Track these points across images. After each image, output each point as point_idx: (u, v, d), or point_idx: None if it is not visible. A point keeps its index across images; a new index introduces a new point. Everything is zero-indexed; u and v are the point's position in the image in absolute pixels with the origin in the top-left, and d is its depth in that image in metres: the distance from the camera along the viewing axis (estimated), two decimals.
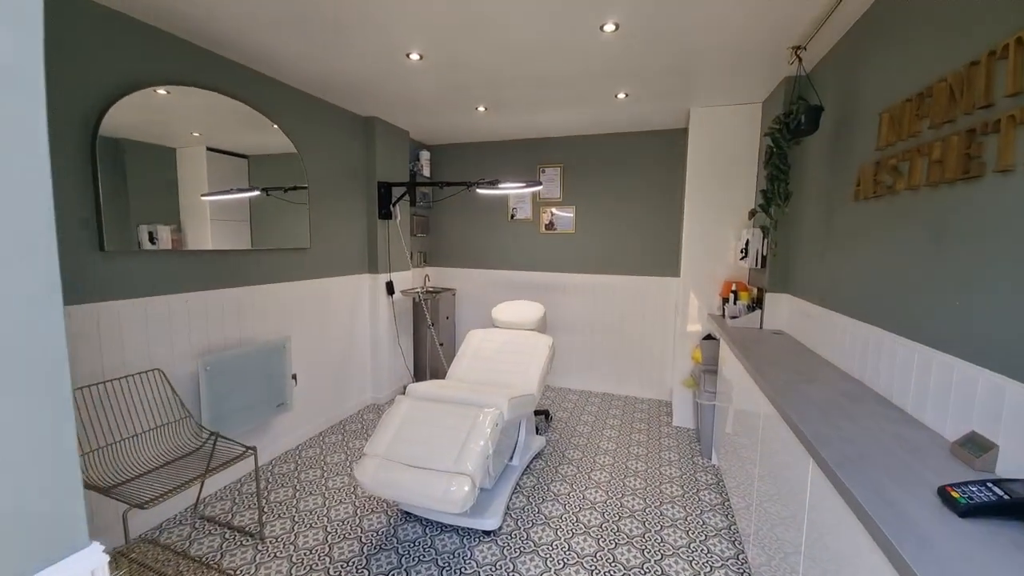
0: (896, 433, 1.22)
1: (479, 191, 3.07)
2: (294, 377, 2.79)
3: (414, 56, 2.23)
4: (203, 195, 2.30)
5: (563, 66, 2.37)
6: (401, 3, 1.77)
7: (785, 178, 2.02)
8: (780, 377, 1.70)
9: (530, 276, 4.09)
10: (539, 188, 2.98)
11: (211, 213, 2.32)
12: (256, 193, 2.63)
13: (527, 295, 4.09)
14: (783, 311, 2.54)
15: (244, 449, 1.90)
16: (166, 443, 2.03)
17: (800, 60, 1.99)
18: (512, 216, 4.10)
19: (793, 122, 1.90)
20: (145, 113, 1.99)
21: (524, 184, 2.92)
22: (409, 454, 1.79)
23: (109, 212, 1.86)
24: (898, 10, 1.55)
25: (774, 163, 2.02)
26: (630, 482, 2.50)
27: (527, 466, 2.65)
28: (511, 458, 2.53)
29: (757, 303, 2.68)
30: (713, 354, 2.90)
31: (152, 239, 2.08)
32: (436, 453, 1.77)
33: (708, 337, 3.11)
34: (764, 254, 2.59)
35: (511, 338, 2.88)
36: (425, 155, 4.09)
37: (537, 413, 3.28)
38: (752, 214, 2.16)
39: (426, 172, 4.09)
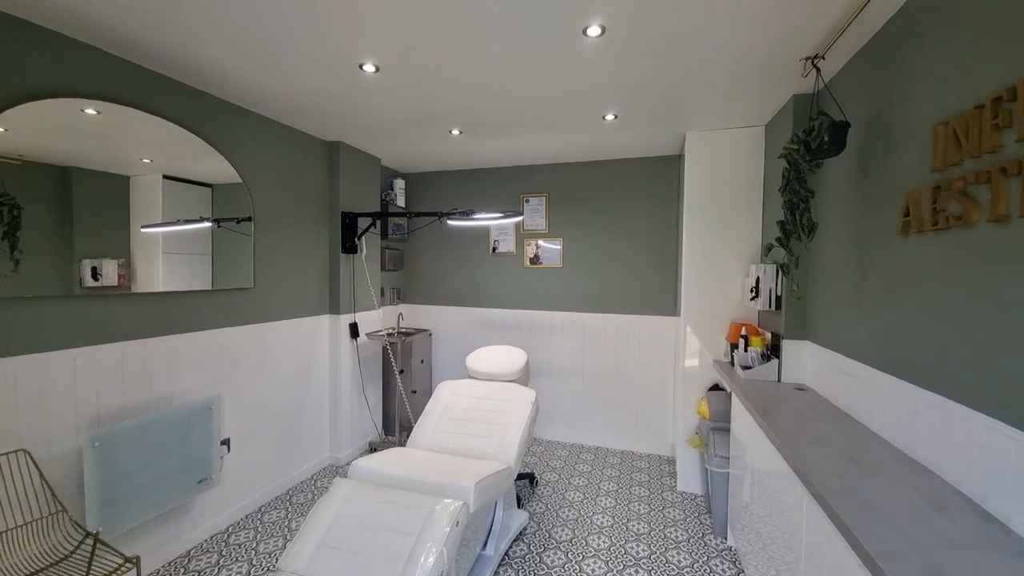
0: None
1: (450, 223, 2.72)
2: (225, 443, 2.33)
3: (368, 68, 1.92)
4: (144, 227, 2.01)
5: (543, 82, 2.07)
6: (343, 6, 1.46)
7: (807, 206, 1.68)
8: (825, 465, 1.30)
9: (513, 315, 3.70)
10: (519, 219, 2.63)
11: (164, 246, 2.10)
12: (206, 225, 2.29)
13: (510, 336, 3.69)
14: (805, 361, 2.16)
15: (122, 562, 1.44)
16: (31, 547, 1.56)
17: (819, 71, 1.70)
18: (494, 249, 3.75)
19: (815, 141, 1.58)
20: (80, 138, 1.80)
21: (502, 214, 2.57)
22: (335, 572, 1.33)
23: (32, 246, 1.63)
24: None
25: (793, 189, 1.69)
26: (630, 574, 2.03)
27: (505, 553, 2.17)
28: (483, 546, 2.06)
29: (772, 351, 2.31)
30: (722, 408, 2.50)
31: (95, 275, 1.84)
32: (373, 569, 1.32)
33: (715, 387, 2.71)
34: (779, 295, 2.23)
35: (487, 392, 2.46)
36: (399, 183, 3.76)
37: (520, 477, 2.82)
38: (768, 249, 1.83)
39: (400, 202, 3.76)
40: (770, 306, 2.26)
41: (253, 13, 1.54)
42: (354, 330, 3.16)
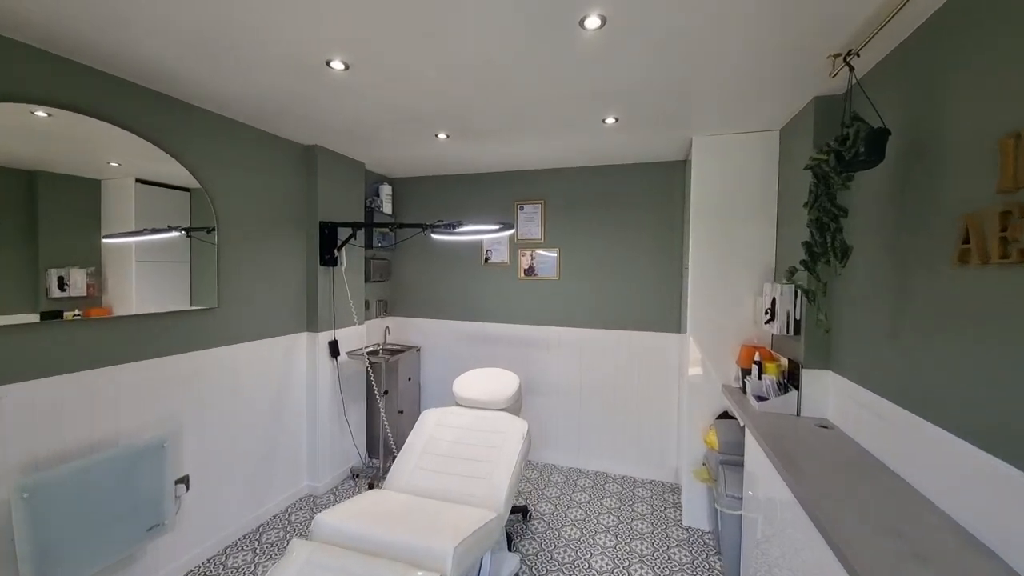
0: None
1: (434, 236, 2.49)
2: (183, 481, 2.11)
3: (336, 65, 1.69)
4: (106, 237, 1.85)
5: (537, 83, 1.85)
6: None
7: (839, 227, 1.46)
8: (866, 541, 1.07)
9: (507, 329, 3.47)
10: (510, 232, 2.40)
11: (137, 254, 1.97)
12: (174, 235, 2.11)
13: (503, 352, 3.47)
14: (827, 394, 1.94)
15: None
16: None
17: (852, 70, 1.48)
18: (486, 259, 3.52)
19: (849, 151, 1.36)
20: (39, 140, 1.66)
21: (496, 227, 2.35)
22: None
23: None
24: None
25: (823, 207, 1.46)
26: None
27: None
28: None
29: (789, 380, 2.09)
30: (733, 440, 2.28)
31: (62, 285, 1.72)
32: None
33: (724, 415, 2.49)
34: (798, 318, 2.01)
35: (475, 422, 2.24)
36: (386, 189, 3.54)
37: (512, 510, 2.59)
38: (791, 273, 1.60)
39: (387, 208, 3.53)
40: (788, 331, 2.04)
41: (193, 10, 1.32)
42: (334, 348, 2.93)
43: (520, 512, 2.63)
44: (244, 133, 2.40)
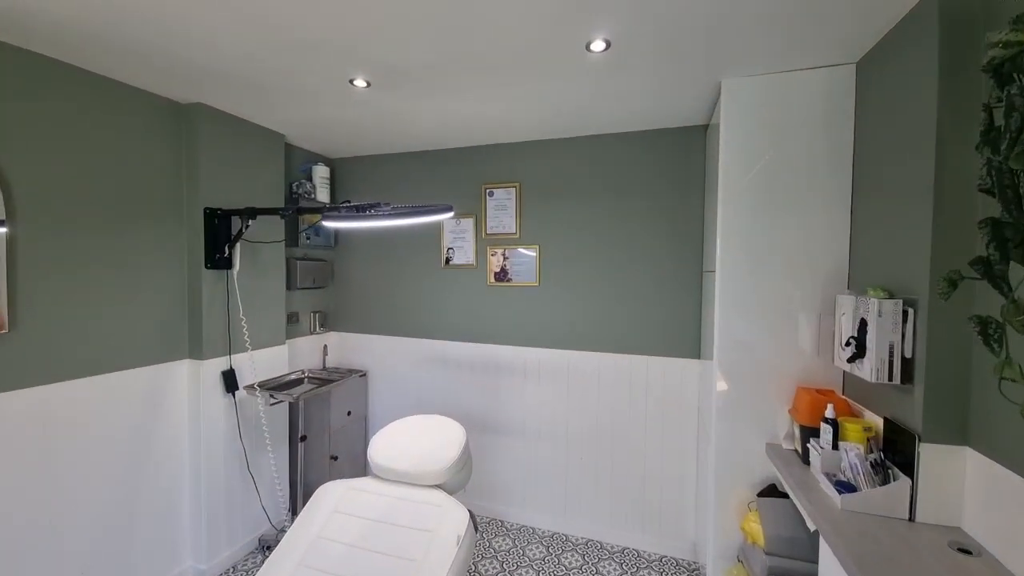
0: None
1: (327, 224, 1.71)
2: None
3: None
4: None
5: None
6: None
7: None
8: None
9: (472, 350, 2.69)
10: (448, 215, 1.61)
11: None
12: None
13: (468, 378, 2.69)
14: (963, 488, 1.14)
15: None
16: None
17: None
18: (447, 260, 2.75)
19: None
20: None
21: (423, 208, 1.56)
22: None
23: None
24: None
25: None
26: None
27: None
28: None
29: (888, 453, 1.29)
30: (788, 536, 1.48)
31: None
32: None
33: (771, 491, 1.69)
34: (908, 355, 1.21)
35: (391, 509, 1.46)
36: (321, 171, 2.77)
37: None
38: (952, 285, 0.81)
39: (322, 196, 2.76)
40: (890, 375, 1.23)
41: None
42: (230, 380, 2.17)
43: None
44: (66, 79, 1.64)
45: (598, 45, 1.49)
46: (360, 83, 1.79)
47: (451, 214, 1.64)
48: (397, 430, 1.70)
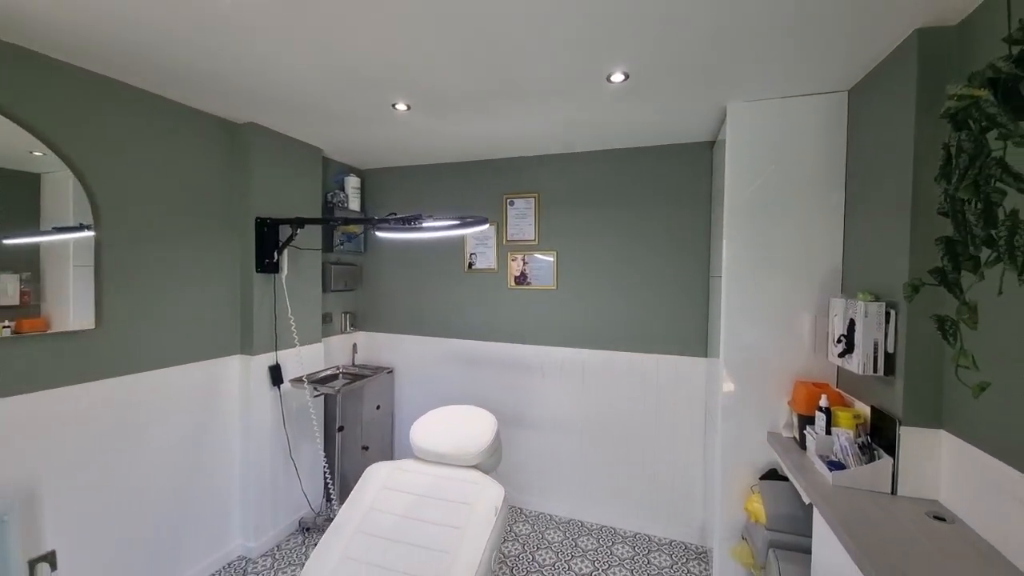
0: None
1: (379, 235, 1.92)
2: (45, 559, 1.55)
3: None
4: (6, 239, 1.52)
5: (514, 17, 1.27)
6: None
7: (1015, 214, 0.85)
8: None
9: (494, 349, 2.89)
10: (483, 227, 1.81)
11: (75, 258, 1.68)
12: (86, 234, 1.71)
13: (490, 376, 2.88)
14: (939, 465, 1.32)
15: None
16: None
17: None
18: (470, 265, 2.95)
19: None
20: None
21: (461, 221, 1.76)
22: None
23: None
24: None
25: (986, 175, 0.86)
26: None
27: None
28: None
29: (874, 437, 1.47)
30: (787, 513, 1.66)
31: None
32: None
33: (772, 474, 1.87)
34: (891, 351, 1.40)
35: (434, 487, 1.65)
36: (352, 181, 2.98)
37: None
38: (914, 290, 0.99)
39: (353, 204, 2.98)
40: (874, 368, 1.42)
41: None
42: (276, 375, 2.37)
43: None
44: (138, 102, 1.86)
45: (618, 77, 1.68)
46: (401, 107, 2.00)
47: (487, 226, 1.84)
48: (437, 417, 1.90)
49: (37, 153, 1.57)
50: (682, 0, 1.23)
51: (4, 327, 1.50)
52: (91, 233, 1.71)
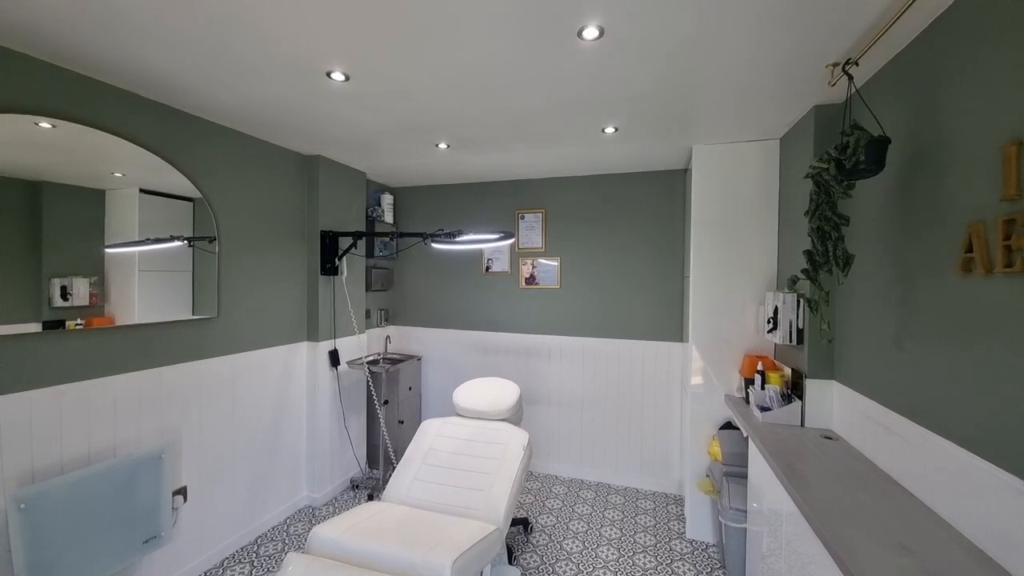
0: None
1: (434, 245, 2.49)
2: (180, 492, 2.09)
3: (337, 75, 1.70)
4: (108, 247, 1.87)
5: (535, 93, 1.86)
6: (299, 8, 1.25)
7: (840, 235, 1.45)
8: (874, 558, 1.05)
9: (508, 339, 3.46)
10: (510, 241, 2.40)
11: (141, 264, 1.99)
12: (176, 244, 2.13)
13: (504, 361, 3.45)
14: (832, 404, 1.91)
15: None
16: None
17: (851, 79, 1.48)
18: (487, 268, 3.52)
19: (850, 160, 1.35)
20: (43, 151, 1.68)
21: (495, 236, 2.35)
22: None
23: None
24: None
25: (823, 215, 1.45)
26: None
27: None
28: None
29: (793, 390, 2.06)
30: (736, 452, 2.25)
31: (65, 294, 1.73)
32: None
33: (727, 426, 2.46)
34: (800, 327, 1.99)
35: (475, 434, 2.21)
36: (387, 199, 3.55)
37: (513, 523, 2.56)
38: (792, 282, 1.60)
39: (388, 218, 3.54)
40: (790, 340, 2.02)
41: (194, 16, 1.33)
42: (334, 358, 2.92)
43: (521, 524, 2.59)
44: (246, 144, 2.42)
45: (610, 129, 2.28)
46: (443, 146, 2.58)
47: (512, 240, 2.42)
48: (473, 384, 2.46)
49: (118, 174, 1.87)
50: (660, 82, 1.81)
51: (76, 324, 1.77)
52: (178, 243, 2.13)
